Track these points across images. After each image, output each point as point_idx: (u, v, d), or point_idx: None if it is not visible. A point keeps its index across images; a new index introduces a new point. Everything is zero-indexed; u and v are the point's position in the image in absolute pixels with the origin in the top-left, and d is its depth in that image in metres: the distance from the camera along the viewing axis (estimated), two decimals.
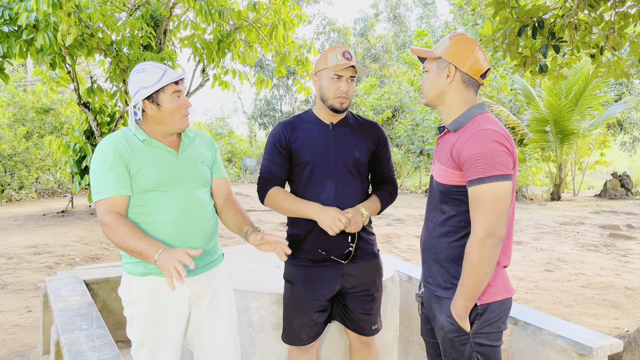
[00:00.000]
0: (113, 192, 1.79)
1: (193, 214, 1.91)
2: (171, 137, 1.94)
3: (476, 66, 1.72)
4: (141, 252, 1.71)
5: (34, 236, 7.31)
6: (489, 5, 3.11)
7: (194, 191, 1.93)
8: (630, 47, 3.00)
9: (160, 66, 1.86)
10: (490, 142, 1.60)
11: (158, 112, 1.85)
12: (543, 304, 4.57)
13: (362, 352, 2.28)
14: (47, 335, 3.38)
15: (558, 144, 11.92)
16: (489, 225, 1.59)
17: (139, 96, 1.83)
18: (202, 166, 1.99)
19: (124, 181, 1.81)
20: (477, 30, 15.36)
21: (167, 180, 1.86)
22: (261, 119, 22.99)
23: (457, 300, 1.68)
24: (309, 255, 2.13)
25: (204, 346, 2.01)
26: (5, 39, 5.56)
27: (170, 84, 1.84)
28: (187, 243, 1.89)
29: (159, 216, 1.85)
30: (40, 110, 12.55)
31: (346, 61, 2.05)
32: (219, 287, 2.02)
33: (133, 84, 1.86)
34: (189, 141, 1.99)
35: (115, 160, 1.79)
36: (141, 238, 1.72)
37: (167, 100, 1.84)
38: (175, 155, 1.92)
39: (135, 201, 1.85)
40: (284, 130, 2.14)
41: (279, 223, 8.59)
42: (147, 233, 1.84)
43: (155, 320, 1.87)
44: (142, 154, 1.85)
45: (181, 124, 1.90)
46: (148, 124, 1.90)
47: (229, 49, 7.37)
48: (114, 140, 1.84)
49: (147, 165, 1.83)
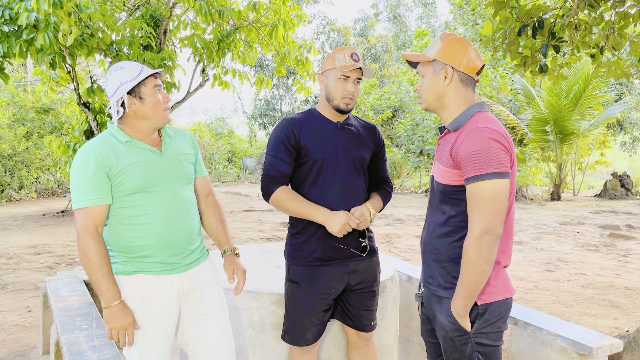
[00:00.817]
0: (92, 202, 1.79)
1: (179, 214, 1.92)
2: (152, 135, 1.94)
3: (472, 64, 1.72)
4: (100, 288, 1.77)
5: (34, 236, 7.31)
6: (489, 5, 3.11)
7: (178, 190, 1.93)
8: (630, 47, 3.00)
9: (137, 63, 1.88)
10: (486, 139, 1.61)
11: (141, 106, 1.85)
12: (543, 304, 4.57)
13: (361, 349, 2.29)
14: (47, 335, 3.37)
15: (558, 144, 11.92)
16: (486, 223, 1.59)
17: (121, 91, 1.83)
18: (186, 164, 1.99)
19: (104, 190, 1.81)
20: (477, 30, 15.36)
21: (153, 181, 1.87)
22: (261, 119, 22.98)
23: (457, 299, 1.68)
24: (317, 254, 2.13)
25: (199, 340, 2.00)
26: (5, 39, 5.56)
27: (150, 77, 1.85)
28: (172, 243, 1.90)
29: (144, 217, 1.85)
30: (40, 110, 12.54)
31: (354, 63, 2.07)
32: (208, 282, 2.03)
33: (112, 81, 1.86)
34: (170, 139, 1.99)
35: (95, 169, 1.79)
36: (106, 275, 1.77)
37: (149, 93, 1.85)
38: (159, 155, 1.92)
39: (120, 204, 1.84)
40: (292, 128, 2.12)
41: (278, 223, 8.59)
42: (127, 235, 1.86)
43: (144, 318, 1.87)
44: (125, 156, 1.84)
45: (164, 118, 1.90)
46: (129, 123, 1.89)
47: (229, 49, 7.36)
48: (95, 147, 1.82)
49: (131, 167, 1.83)
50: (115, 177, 1.81)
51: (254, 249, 3.23)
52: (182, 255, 1.94)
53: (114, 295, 1.77)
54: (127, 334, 1.80)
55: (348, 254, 2.16)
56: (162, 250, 1.88)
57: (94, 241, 1.77)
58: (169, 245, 1.89)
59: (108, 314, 1.78)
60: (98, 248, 1.77)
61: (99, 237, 1.80)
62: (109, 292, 1.77)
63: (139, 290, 1.87)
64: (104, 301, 1.78)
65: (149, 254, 1.87)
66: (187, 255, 1.96)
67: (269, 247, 3.26)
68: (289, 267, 2.20)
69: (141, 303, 1.87)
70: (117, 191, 1.83)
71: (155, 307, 1.89)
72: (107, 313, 1.78)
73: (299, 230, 2.17)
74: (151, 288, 1.88)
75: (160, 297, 1.90)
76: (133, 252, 1.87)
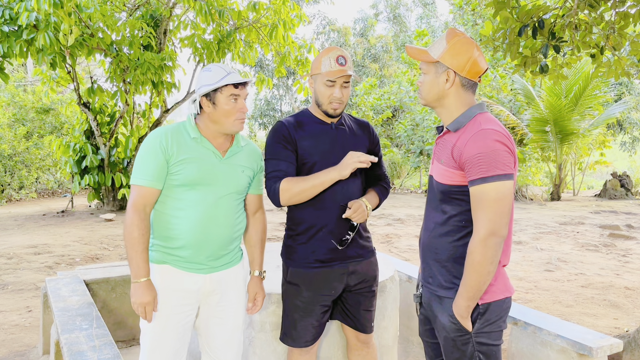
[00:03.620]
0: (146, 182, 1.88)
1: (217, 218, 1.96)
2: (222, 138, 1.99)
3: (475, 69, 1.71)
4: (132, 262, 1.88)
5: (34, 236, 7.31)
6: (489, 5, 3.11)
7: (224, 196, 1.97)
8: (630, 46, 3.00)
9: (227, 69, 1.93)
10: (492, 141, 1.60)
11: (213, 110, 1.92)
12: (543, 304, 4.58)
13: (360, 351, 2.29)
14: (47, 335, 3.37)
15: (558, 144, 11.92)
16: (492, 224, 1.59)
17: (199, 92, 1.93)
18: (243, 175, 2.03)
19: (160, 175, 1.90)
20: (477, 30, 15.36)
21: (203, 180, 1.92)
22: (261, 118, 23.00)
23: (460, 300, 1.68)
24: (316, 256, 2.12)
25: (210, 340, 2.08)
26: (6, 39, 5.56)
27: (229, 86, 1.90)
28: (204, 244, 1.95)
29: (182, 211, 1.92)
30: (40, 110, 12.55)
31: (339, 67, 2.04)
32: (229, 289, 2.06)
33: (199, 80, 1.96)
34: (237, 148, 2.03)
35: (159, 153, 1.88)
36: (141, 252, 1.87)
37: (223, 101, 1.90)
38: (219, 158, 1.97)
39: (168, 193, 1.93)
40: (288, 129, 2.11)
41: (278, 223, 8.59)
42: (167, 226, 1.94)
43: (163, 307, 1.94)
44: (188, 150, 1.92)
45: (234, 127, 1.95)
46: (204, 121, 1.97)
47: (229, 49, 7.37)
48: (164, 133, 1.92)
49: (189, 161, 1.90)
50: (173, 166, 1.89)
51: None
52: (211, 257, 1.98)
53: (142, 272, 1.88)
54: (146, 311, 1.89)
55: (347, 255, 2.14)
56: (191, 247, 1.93)
57: (139, 218, 1.87)
58: (199, 245, 1.94)
59: (133, 289, 1.89)
60: (141, 225, 1.87)
61: (145, 216, 1.89)
62: (139, 269, 1.87)
63: (163, 280, 1.94)
64: (133, 276, 1.89)
65: (179, 247, 1.93)
66: (217, 258, 2.00)
67: (268, 247, 3.26)
68: (287, 269, 2.18)
69: (163, 292, 1.94)
70: (169, 180, 1.91)
71: (176, 299, 1.95)
72: (132, 288, 1.89)
73: (298, 232, 2.15)
74: (175, 280, 1.95)
75: (182, 290, 1.96)
76: (167, 242, 1.94)
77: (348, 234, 2.13)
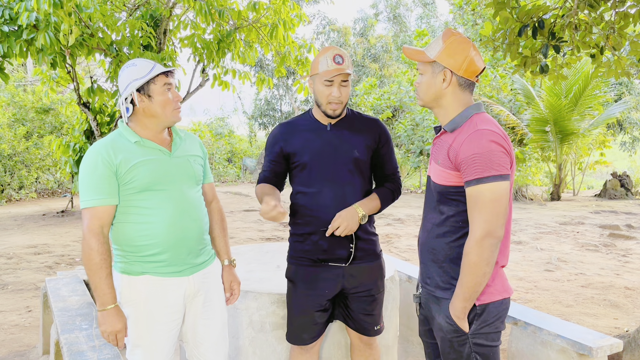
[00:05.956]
0: (98, 202, 1.80)
1: (187, 213, 1.92)
2: (162, 135, 1.95)
3: (472, 68, 1.71)
4: (97, 290, 1.78)
5: (33, 236, 7.31)
6: (489, 5, 3.11)
7: (187, 190, 1.94)
8: (630, 46, 3.00)
9: (150, 61, 1.89)
10: (488, 142, 1.60)
11: (150, 104, 1.86)
12: (543, 304, 4.57)
13: (363, 352, 2.28)
14: (47, 335, 3.37)
15: (558, 144, 11.92)
16: (487, 225, 1.59)
17: (130, 88, 1.85)
18: (195, 165, 2.01)
19: (111, 190, 1.82)
20: (476, 30, 15.35)
21: (161, 179, 1.87)
22: (261, 118, 22.97)
23: (456, 301, 1.67)
24: (310, 254, 2.14)
25: (198, 344, 2.03)
26: (6, 39, 5.55)
27: (161, 75, 1.86)
28: (180, 242, 1.90)
29: (152, 216, 1.86)
30: (40, 110, 12.54)
31: (336, 66, 2.03)
32: (212, 286, 2.04)
33: (123, 78, 1.88)
34: (180, 140, 2.00)
35: (102, 169, 1.80)
36: (104, 278, 1.79)
37: (158, 92, 1.86)
38: (168, 154, 1.92)
39: (128, 202, 1.85)
40: (280, 133, 2.18)
41: (278, 223, 8.59)
42: (136, 235, 1.86)
43: (149, 320, 1.87)
44: (134, 155, 1.85)
45: (173, 117, 1.91)
46: (139, 121, 1.90)
47: (229, 49, 7.36)
48: (103, 146, 1.83)
49: (140, 165, 1.84)
50: (124, 175, 1.82)
51: (253, 249, 3.23)
52: (191, 255, 1.94)
53: (109, 299, 1.79)
54: (118, 338, 1.82)
55: (340, 257, 2.13)
56: (170, 248, 1.88)
57: (97, 242, 1.79)
58: (177, 244, 1.89)
59: (101, 317, 1.81)
60: (100, 249, 1.78)
61: (103, 239, 1.81)
62: (105, 296, 1.79)
63: (146, 291, 1.88)
64: (99, 304, 1.80)
65: (157, 253, 1.87)
66: (196, 256, 1.97)
67: (268, 247, 3.26)
68: (287, 266, 2.23)
69: (147, 304, 1.87)
70: (125, 189, 1.84)
71: (162, 309, 1.89)
72: (100, 316, 1.81)
73: (295, 230, 2.19)
74: (158, 290, 1.89)
75: (167, 299, 1.90)
76: (141, 251, 1.87)
77: (350, 248, 2.12)
